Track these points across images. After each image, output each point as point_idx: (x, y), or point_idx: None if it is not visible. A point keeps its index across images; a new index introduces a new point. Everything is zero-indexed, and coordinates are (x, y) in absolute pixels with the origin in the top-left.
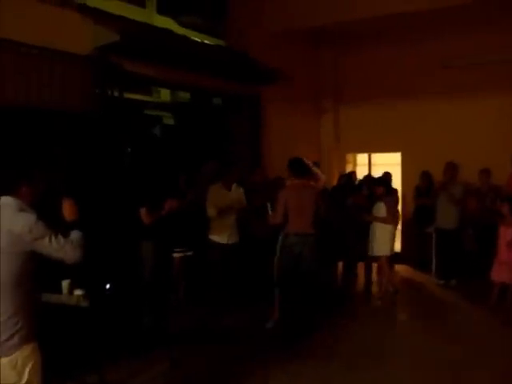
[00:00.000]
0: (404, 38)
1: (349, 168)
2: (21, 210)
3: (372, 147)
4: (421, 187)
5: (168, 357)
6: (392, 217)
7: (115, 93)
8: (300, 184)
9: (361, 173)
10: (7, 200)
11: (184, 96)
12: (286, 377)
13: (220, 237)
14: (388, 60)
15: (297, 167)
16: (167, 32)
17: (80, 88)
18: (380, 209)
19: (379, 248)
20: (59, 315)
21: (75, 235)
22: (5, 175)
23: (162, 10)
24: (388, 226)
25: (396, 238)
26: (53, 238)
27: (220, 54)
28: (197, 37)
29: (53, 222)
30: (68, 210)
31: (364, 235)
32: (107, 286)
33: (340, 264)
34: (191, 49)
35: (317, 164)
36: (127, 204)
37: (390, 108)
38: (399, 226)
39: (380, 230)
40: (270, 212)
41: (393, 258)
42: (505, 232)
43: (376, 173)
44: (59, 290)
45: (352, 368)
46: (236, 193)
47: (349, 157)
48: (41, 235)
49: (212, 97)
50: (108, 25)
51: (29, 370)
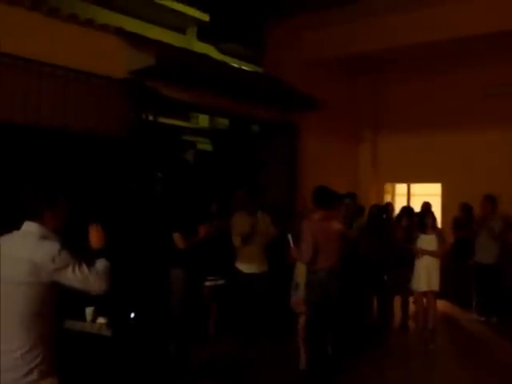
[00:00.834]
0: (444, 66)
1: (387, 198)
2: (44, 238)
3: (411, 177)
4: (460, 219)
5: None
6: (442, 250)
7: (150, 117)
8: (328, 217)
9: (399, 203)
10: (30, 226)
11: (222, 122)
12: None
13: (246, 265)
14: (428, 88)
15: (322, 197)
16: (204, 57)
17: (115, 112)
18: (430, 241)
19: (428, 283)
20: (81, 343)
21: (101, 264)
22: (28, 200)
23: (203, 37)
24: (437, 260)
25: None
26: (76, 268)
27: (258, 81)
28: (235, 63)
29: (78, 250)
30: (94, 237)
31: (402, 268)
32: (132, 315)
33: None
34: (229, 74)
35: (352, 195)
36: (157, 229)
37: (430, 137)
38: None
39: (429, 264)
40: (292, 244)
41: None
42: None
43: (414, 203)
44: (82, 317)
45: None
46: (262, 219)
47: (387, 186)
48: (64, 265)
49: (250, 124)
50: (144, 49)
51: None
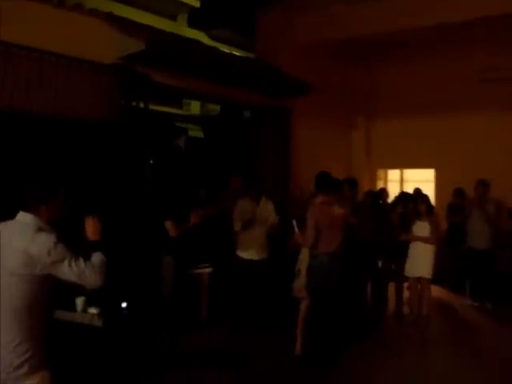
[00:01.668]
0: (439, 51)
1: (380, 184)
2: (39, 230)
3: (404, 163)
4: (454, 205)
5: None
6: (436, 237)
7: (140, 104)
8: (329, 201)
9: (392, 189)
10: (25, 218)
11: (214, 109)
12: None
13: (247, 252)
14: (422, 74)
15: (325, 183)
16: (195, 42)
17: (105, 98)
18: (423, 228)
19: (420, 269)
20: (72, 334)
21: (97, 258)
22: (24, 193)
23: (193, 24)
24: (430, 247)
25: None
26: (72, 262)
27: (250, 66)
28: (226, 49)
29: (73, 242)
30: (91, 229)
31: (397, 255)
32: (123, 305)
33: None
34: (220, 60)
35: (351, 181)
36: (150, 217)
37: (424, 123)
38: None
39: (422, 251)
40: (296, 230)
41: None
42: None
43: (407, 189)
44: (73, 307)
45: None
46: (264, 206)
47: (380, 173)
48: (60, 258)
49: (242, 110)
50: (134, 34)
51: None
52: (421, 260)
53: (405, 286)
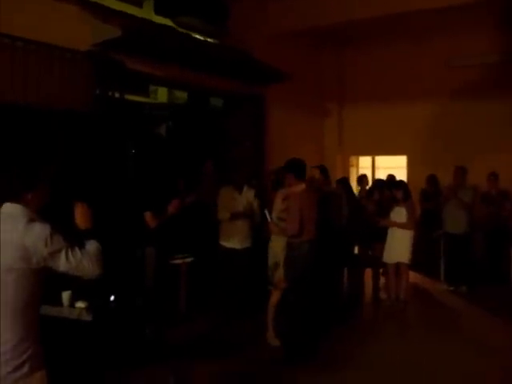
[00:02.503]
0: (408, 39)
1: (352, 171)
2: (31, 221)
3: (376, 150)
4: (427, 191)
5: (170, 371)
6: (413, 222)
7: (116, 93)
8: (307, 188)
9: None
10: (14, 208)
11: (181, 96)
12: None
13: (231, 242)
14: (392, 61)
15: (301, 169)
16: (169, 29)
17: (80, 85)
18: (401, 214)
19: (399, 254)
20: (59, 329)
21: (92, 247)
22: (5, 182)
23: (160, 11)
24: (409, 232)
25: None
26: (69, 253)
27: (224, 53)
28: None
29: (63, 231)
30: (81, 217)
31: (374, 241)
32: (111, 298)
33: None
34: (194, 46)
35: (323, 168)
36: (131, 208)
37: (395, 110)
38: None
39: (400, 236)
40: (269, 219)
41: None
42: None
43: (379, 176)
44: (58, 302)
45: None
46: (248, 195)
47: (352, 159)
48: (57, 249)
49: (210, 97)
50: (108, 20)
51: None
52: (399, 245)
53: (380, 272)
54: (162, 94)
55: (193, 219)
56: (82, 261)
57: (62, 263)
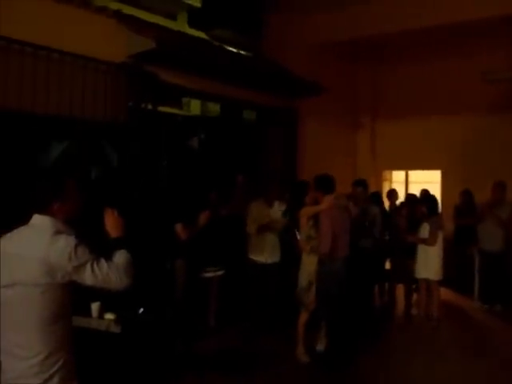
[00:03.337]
0: (444, 52)
1: (386, 185)
2: (57, 233)
3: (410, 164)
4: (461, 206)
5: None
6: (434, 238)
7: (149, 104)
8: (338, 204)
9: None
10: (41, 220)
11: (214, 109)
12: None
13: (259, 256)
14: (427, 75)
15: (330, 185)
16: (203, 41)
17: (113, 97)
18: (426, 229)
19: (428, 271)
20: (88, 341)
21: (121, 257)
22: (35, 191)
23: (193, 23)
24: (437, 248)
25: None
26: (95, 266)
27: (256, 65)
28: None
29: (93, 241)
30: (111, 224)
31: (405, 256)
32: (140, 310)
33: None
34: (229, 59)
35: (363, 183)
36: (162, 219)
37: (429, 124)
38: None
39: (429, 252)
40: (299, 237)
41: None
42: None
43: (412, 191)
44: (88, 313)
45: None
46: (279, 209)
47: (385, 174)
48: (82, 263)
49: (243, 110)
50: (143, 32)
51: None
52: (428, 262)
53: (413, 288)
54: (195, 107)
55: (225, 232)
56: (109, 273)
57: (88, 277)
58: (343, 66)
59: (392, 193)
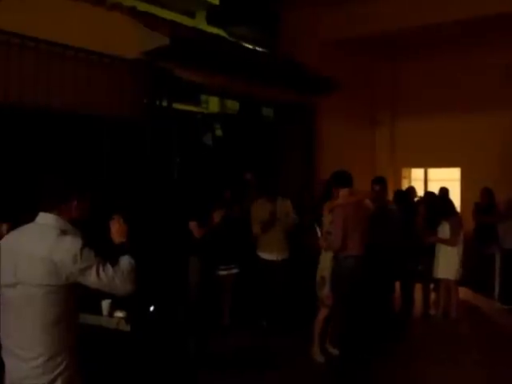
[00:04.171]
0: (464, 48)
1: (405, 183)
2: (63, 233)
3: (429, 162)
4: (481, 204)
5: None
6: (457, 238)
7: (164, 101)
8: (355, 200)
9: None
10: (47, 219)
11: (232, 106)
12: None
13: (268, 253)
14: (447, 71)
15: (347, 181)
16: (219, 38)
17: (128, 93)
18: (445, 229)
19: (446, 271)
20: (97, 339)
21: (125, 262)
22: (56, 186)
23: (212, 21)
24: (455, 248)
25: None
26: (100, 269)
27: (275, 62)
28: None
29: (98, 245)
30: (117, 231)
31: (423, 256)
32: (151, 309)
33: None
34: (245, 56)
35: (382, 180)
36: (176, 217)
37: (449, 121)
38: None
39: (447, 252)
40: (319, 234)
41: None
42: None
43: (432, 189)
44: (98, 311)
45: None
46: (282, 205)
47: (404, 171)
48: (87, 265)
49: (261, 107)
50: (158, 29)
51: None
52: (446, 261)
53: (431, 288)
54: (214, 104)
55: (239, 230)
56: (114, 279)
57: (93, 280)
58: (361, 62)
59: (410, 191)
